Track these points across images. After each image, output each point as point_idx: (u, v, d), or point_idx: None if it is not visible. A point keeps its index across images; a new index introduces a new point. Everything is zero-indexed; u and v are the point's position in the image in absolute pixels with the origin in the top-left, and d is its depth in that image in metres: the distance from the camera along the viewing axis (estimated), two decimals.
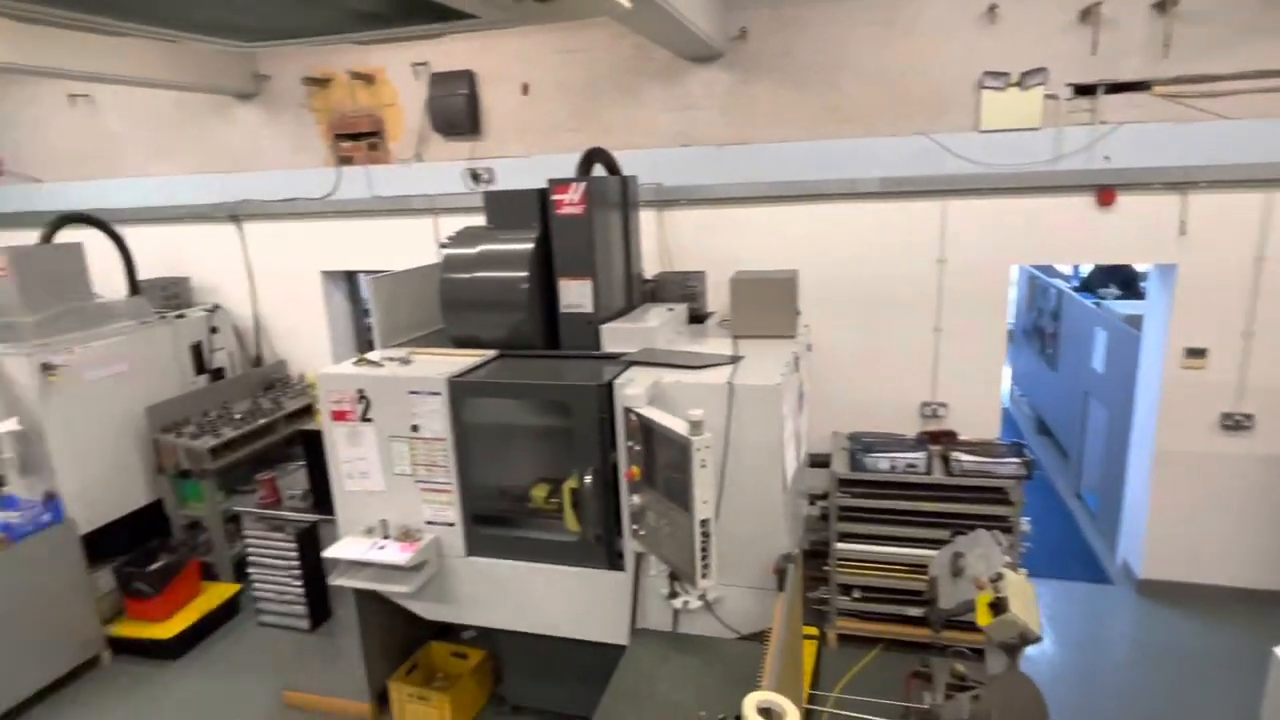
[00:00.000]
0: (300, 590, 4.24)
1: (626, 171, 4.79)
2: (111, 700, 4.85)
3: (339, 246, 6.57)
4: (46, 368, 5.03)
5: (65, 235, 5.98)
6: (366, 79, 6.10)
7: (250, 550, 4.30)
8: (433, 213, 6.14)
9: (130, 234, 6.41)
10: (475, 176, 5.97)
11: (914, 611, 4.72)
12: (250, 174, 6.66)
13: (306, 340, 6.91)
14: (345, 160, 6.34)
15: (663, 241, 5.66)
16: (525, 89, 5.81)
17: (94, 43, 5.01)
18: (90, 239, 6.00)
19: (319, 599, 4.30)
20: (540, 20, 3.05)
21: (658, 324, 4.15)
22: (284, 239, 6.68)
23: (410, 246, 6.12)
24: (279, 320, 6.95)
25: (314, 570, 4.22)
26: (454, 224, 5.35)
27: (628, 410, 3.32)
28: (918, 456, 4.63)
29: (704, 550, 2.97)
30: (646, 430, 3.23)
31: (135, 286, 6.41)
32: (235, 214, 6.71)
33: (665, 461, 3.19)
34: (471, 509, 3.92)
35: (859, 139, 5.27)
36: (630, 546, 3.64)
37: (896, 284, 5.33)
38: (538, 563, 3.85)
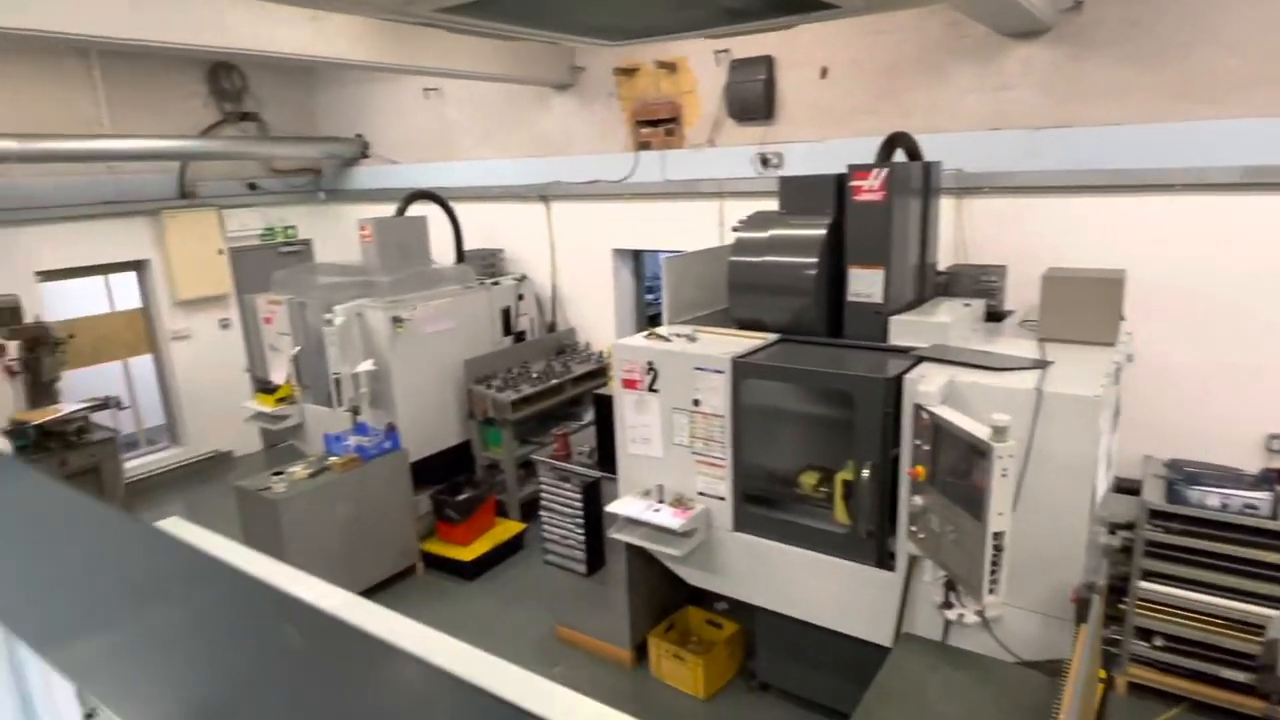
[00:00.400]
0: (581, 537, 4.66)
1: (927, 157, 4.56)
2: (423, 606, 5.72)
3: (630, 227, 7.03)
4: (396, 320, 6.00)
5: (412, 209, 7.07)
6: (669, 68, 6.41)
7: (543, 495, 4.81)
8: (719, 196, 6.32)
9: (460, 209, 7.40)
10: (764, 161, 6.04)
11: (1233, 674, 4.05)
12: (560, 158, 7.34)
13: (594, 312, 7.51)
14: (643, 145, 6.74)
15: (959, 232, 5.31)
16: (824, 72, 5.74)
17: (450, 43, 5.82)
18: (430, 213, 7.03)
19: (596, 548, 4.69)
20: (895, 8, 2.97)
21: (951, 319, 3.93)
22: (583, 218, 7.29)
23: (695, 229, 6.37)
24: (572, 291, 7.62)
25: (594, 521, 4.62)
26: (739, 208, 5.49)
27: (918, 407, 3.20)
28: (1261, 497, 3.93)
29: (994, 564, 2.79)
30: (937, 430, 3.10)
31: (461, 255, 7.41)
32: (544, 194, 7.44)
33: (956, 465, 3.04)
34: (742, 486, 4.04)
35: (1214, 121, 4.51)
36: (904, 547, 3.53)
37: (1251, 292, 4.51)
38: (803, 549, 3.88)
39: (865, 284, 4.00)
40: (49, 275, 7.22)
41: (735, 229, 4.48)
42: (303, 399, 6.60)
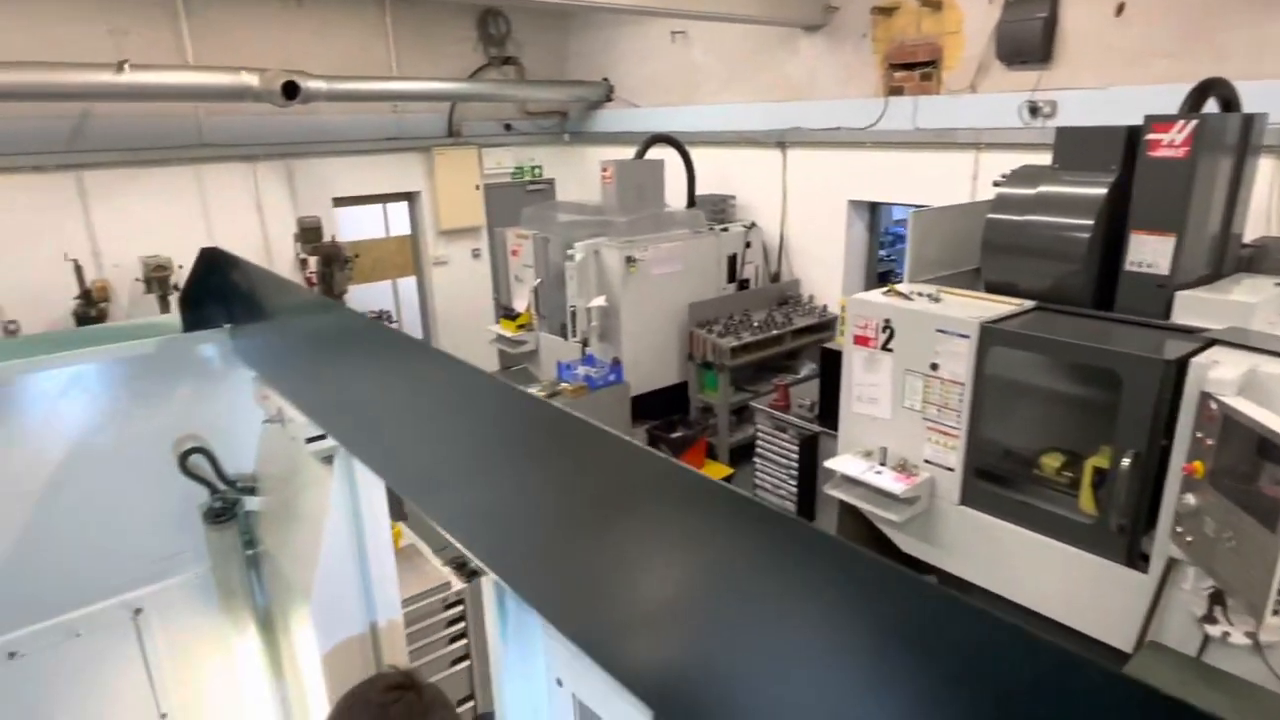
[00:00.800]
0: (794, 489, 4.69)
1: (1246, 108, 3.88)
2: None
3: (870, 177, 6.71)
4: (629, 260, 6.25)
5: (650, 153, 7.23)
6: (933, 6, 5.94)
7: (758, 443, 4.88)
8: (976, 148, 5.84)
9: (695, 154, 7.47)
10: (1034, 110, 5.47)
11: None
12: (801, 103, 7.13)
13: (821, 264, 7.32)
14: (894, 90, 6.36)
15: (1275, 199, 4.51)
16: (1119, 9, 5.04)
17: None
18: (666, 155, 7.15)
19: (807, 502, 4.70)
20: None
21: (1256, 300, 3.38)
22: (820, 166, 7.07)
23: (943, 182, 5.96)
24: (800, 242, 7.47)
25: (808, 475, 4.61)
26: (998, 161, 5.05)
27: (1206, 396, 2.82)
28: None
29: None
30: (1228, 423, 2.72)
31: (693, 200, 7.51)
32: (782, 140, 7.30)
33: (1247, 465, 2.66)
34: (974, 459, 3.82)
35: None
36: (1162, 548, 3.17)
37: None
38: (1038, 534, 3.60)
39: (1150, 252, 3.54)
40: (341, 201, 8.31)
41: (997, 184, 4.14)
42: (539, 328, 7.12)
